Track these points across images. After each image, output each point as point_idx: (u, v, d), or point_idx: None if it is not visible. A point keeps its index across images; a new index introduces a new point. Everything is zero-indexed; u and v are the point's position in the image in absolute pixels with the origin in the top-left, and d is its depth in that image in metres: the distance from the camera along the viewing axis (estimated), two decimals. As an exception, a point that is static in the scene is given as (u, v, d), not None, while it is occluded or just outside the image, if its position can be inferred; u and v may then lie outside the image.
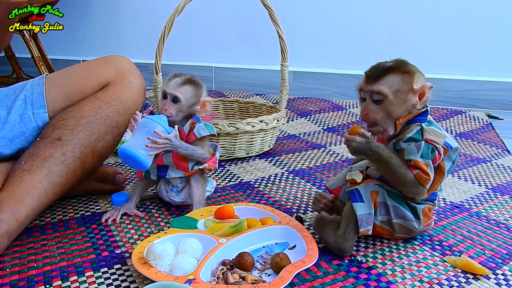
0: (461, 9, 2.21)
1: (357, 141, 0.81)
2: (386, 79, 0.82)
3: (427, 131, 0.83)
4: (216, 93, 2.53)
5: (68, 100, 1.03)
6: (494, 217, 1.05)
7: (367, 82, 0.83)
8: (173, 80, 1.00)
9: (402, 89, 0.82)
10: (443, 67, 2.28)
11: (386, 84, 0.82)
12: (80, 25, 2.86)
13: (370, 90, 0.83)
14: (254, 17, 2.06)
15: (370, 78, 0.83)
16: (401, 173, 0.81)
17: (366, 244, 0.91)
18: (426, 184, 0.82)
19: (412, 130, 0.84)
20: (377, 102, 0.83)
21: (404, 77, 0.82)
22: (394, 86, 0.82)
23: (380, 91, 0.81)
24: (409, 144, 0.83)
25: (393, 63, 0.84)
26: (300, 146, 1.63)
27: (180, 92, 0.98)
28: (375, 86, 0.82)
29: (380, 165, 0.83)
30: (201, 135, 1.00)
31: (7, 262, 0.84)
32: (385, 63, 0.84)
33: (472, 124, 1.94)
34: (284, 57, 1.49)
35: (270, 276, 0.78)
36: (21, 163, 0.93)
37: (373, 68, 0.85)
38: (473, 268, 0.82)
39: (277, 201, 1.13)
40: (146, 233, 0.96)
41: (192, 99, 1.00)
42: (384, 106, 0.82)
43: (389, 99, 0.82)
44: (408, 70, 0.83)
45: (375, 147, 0.81)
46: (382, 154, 0.81)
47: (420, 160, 0.81)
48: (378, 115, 0.83)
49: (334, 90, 2.45)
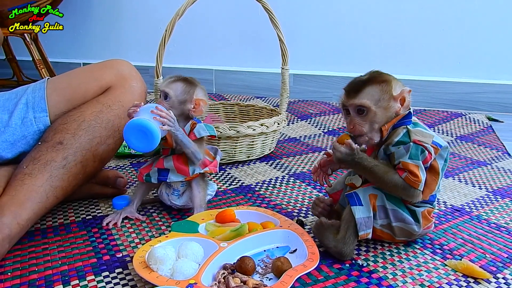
0: (461, 11, 2.22)
1: (341, 151, 0.84)
2: (366, 92, 0.84)
3: (414, 133, 0.84)
4: (216, 96, 2.53)
5: (70, 104, 1.03)
6: (495, 220, 1.06)
7: (348, 97, 0.86)
8: (168, 79, 1.02)
9: (382, 98, 0.84)
10: (443, 69, 2.28)
11: (366, 96, 0.84)
12: (81, 28, 2.87)
13: (352, 104, 0.85)
14: (255, 20, 2.06)
15: (350, 92, 0.86)
16: (389, 179, 0.83)
17: (367, 248, 0.91)
18: (417, 186, 0.82)
19: (399, 133, 0.85)
20: (361, 114, 0.85)
21: (382, 86, 0.85)
22: (375, 96, 0.84)
23: (362, 104, 0.84)
24: (398, 147, 0.84)
25: (369, 75, 0.87)
26: (301, 149, 1.63)
27: (170, 88, 1.00)
28: (357, 100, 0.84)
29: (366, 174, 0.86)
30: (201, 135, 1.01)
31: (9, 266, 0.84)
32: (361, 77, 0.87)
33: (472, 127, 1.94)
34: (284, 60, 1.49)
35: (271, 280, 0.78)
36: (23, 167, 0.93)
37: (351, 83, 0.87)
38: (474, 272, 0.82)
39: (278, 205, 1.13)
40: (147, 237, 0.96)
41: (182, 96, 1.00)
42: (368, 117, 0.85)
43: (372, 110, 0.84)
44: (385, 79, 0.85)
45: (358, 159, 0.83)
46: (366, 164, 0.83)
47: (409, 161, 0.82)
48: (364, 127, 0.85)
49: (334, 93, 2.45)
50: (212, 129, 1.03)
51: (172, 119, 0.94)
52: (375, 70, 0.88)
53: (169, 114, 0.94)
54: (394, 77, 0.87)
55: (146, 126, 0.89)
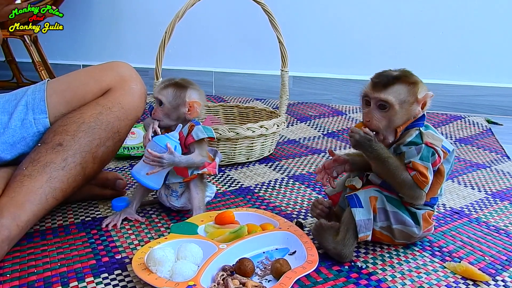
0: (460, 14, 2.22)
1: (361, 134, 0.83)
2: (394, 89, 0.83)
3: (426, 135, 0.84)
4: (216, 97, 2.53)
5: (69, 106, 1.03)
6: (494, 223, 1.06)
7: (374, 89, 0.84)
8: (160, 85, 1.02)
9: (407, 99, 0.84)
10: (443, 72, 2.29)
11: (394, 93, 0.83)
12: (81, 30, 2.87)
13: (377, 97, 0.84)
14: (254, 22, 2.06)
15: (378, 85, 0.84)
16: (399, 174, 0.83)
17: (366, 250, 0.91)
18: (424, 186, 0.82)
19: (411, 134, 0.85)
20: (382, 109, 0.84)
21: (410, 87, 0.84)
22: (401, 96, 0.83)
23: (387, 100, 0.83)
24: (410, 147, 0.84)
25: (400, 72, 0.85)
26: (300, 151, 1.63)
27: (162, 94, 1.00)
28: (383, 94, 0.83)
29: (378, 163, 0.85)
30: (199, 137, 1.01)
31: (8, 268, 0.84)
32: (392, 72, 0.85)
33: (471, 130, 1.94)
34: (284, 63, 1.49)
35: (270, 282, 0.78)
36: (22, 169, 0.93)
37: (380, 75, 0.85)
38: (473, 274, 0.82)
39: (277, 207, 1.13)
40: (146, 238, 0.96)
41: (174, 101, 1.00)
42: (388, 114, 0.84)
43: (395, 109, 0.83)
44: (414, 81, 0.85)
45: (375, 145, 0.82)
46: (381, 152, 0.82)
47: (419, 162, 0.82)
48: (381, 124, 0.84)
49: (334, 95, 2.46)
50: (210, 131, 1.03)
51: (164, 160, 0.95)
52: (405, 69, 0.87)
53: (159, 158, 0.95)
54: (421, 80, 0.86)
55: (140, 181, 0.98)
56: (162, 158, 0.95)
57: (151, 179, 0.97)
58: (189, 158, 0.99)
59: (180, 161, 0.97)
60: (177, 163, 0.97)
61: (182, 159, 0.98)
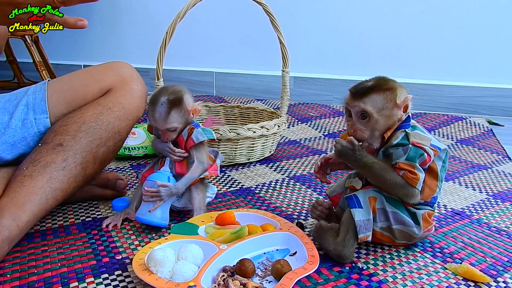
0: (461, 15, 2.22)
1: (342, 144, 0.84)
2: (370, 98, 0.84)
3: (413, 135, 0.84)
4: (217, 98, 2.53)
5: (70, 106, 1.03)
6: (495, 224, 1.05)
7: (353, 99, 0.85)
8: (157, 114, 0.98)
9: (386, 106, 0.84)
10: (444, 73, 2.28)
11: (370, 103, 0.84)
12: (81, 30, 2.85)
13: (356, 106, 0.85)
14: (255, 22, 2.06)
15: (355, 95, 0.85)
16: (388, 177, 0.83)
17: (367, 251, 0.91)
18: (415, 183, 0.82)
19: (397, 136, 0.85)
20: (363, 119, 0.85)
21: (386, 94, 0.84)
22: (378, 104, 0.84)
23: (365, 110, 0.84)
24: (397, 148, 0.84)
25: (374, 81, 0.86)
26: (301, 151, 1.63)
27: (172, 122, 0.99)
28: (361, 104, 0.84)
29: (364, 171, 0.86)
30: (199, 140, 1.00)
31: (8, 268, 0.84)
32: (367, 82, 0.86)
33: (472, 131, 1.94)
34: (285, 63, 1.49)
35: (271, 283, 0.78)
36: (23, 169, 0.93)
37: (357, 86, 0.87)
38: (474, 275, 0.81)
39: (278, 207, 1.13)
40: (147, 239, 0.96)
41: (182, 119, 1.01)
42: (370, 123, 0.85)
43: (374, 117, 0.84)
44: (390, 87, 0.85)
45: (358, 155, 0.83)
46: (365, 160, 0.83)
47: (405, 162, 0.82)
48: (365, 133, 0.86)
49: (334, 96, 2.45)
50: (210, 132, 1.03)
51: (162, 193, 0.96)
52: (381, 76, 0.88)
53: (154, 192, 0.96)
54: (399, 84, 0.87)
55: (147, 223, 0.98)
56: (159, 191, 0.96)
57: (156, 217, 0.97)
58: (187, 179, 1.00)
59: (178, 188, 0.99)
60: (175, 192, 0.99)
61: (180, 186, 0.99)
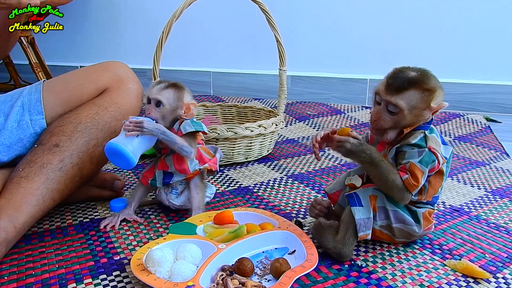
0: (458, 12, 2.22)
1: (351, 142, 0.82)
2: (407, 94, 0.80)
3: (430, 139, 0.83)
4: (214, 97, 2.53)
5: (66, 106, 1.03)
6: (494, 220, 1.05)
7: (387, 91, 0.81)
8: (157, 85, 1.00)
9: (419, 106, 0.81)
10: (441, 70, 2.26)
11: (405, 98, 0.80)
12: (78, 31, 2.87)
13: (388, 101, 0.81)
14: (252, 22, 2.06)
15: (391, 87, 0.81)
16: (390, 178, 0.82)
17: (366, 249, 0.91)
18: (413, 190, 0.82)
19: (416, 136, 0.83)
20: (391, 113, 0.82)
21: (424, 94, 0.81)
22: (412, 102, 0.81)
23: (397, 105, 0.80)
24: (412, 148, 0.83)
25: (417, 75, 0.81)
26: (299, 150, 1.63)
27: (163, 95, 0.98)
28: (394, 98, 0.80)
29: (371, 167, 0.84)
30: (186, 131, 0.99)
31: (5, 270, 0.83)
32: (409, 73, 0.81)
33: (470, 127, 1.94)
34: (282, 62, 1.49)
35: (270, 282, 0.78)
36: (19, 170, 0.93)
37: (395, 76, 0.82)
38: (473, 272, 0.81)
39: (276, 206, 1.12)
40: (145, 239, 0.95)
41: (175, 102, 0.99)
42: (397, 117, 0.82)
43: (404, 113, 0.81)
44: (430, 88, 0.81)
45: (367, 149, 0.82)
46: (374, 156, 0.82)
47: (418, 165, 0.81)
48: (387, 124, 0.83)
49: (332, 94, 2.45)
50: (199, 125, 1.02)
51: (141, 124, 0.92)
52: (425, 70, 0.83)
53: (137, 122, 0.93)
54: (440, 85, 0.83)
55: (116, 149, 0.91)
56: (142, 122, 0.92)
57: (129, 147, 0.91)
58: (173, 136, 0.96)
59: (159, 129, 0.94)
60: (157, 130, 0.94)
61: (162, 128, 0.95)
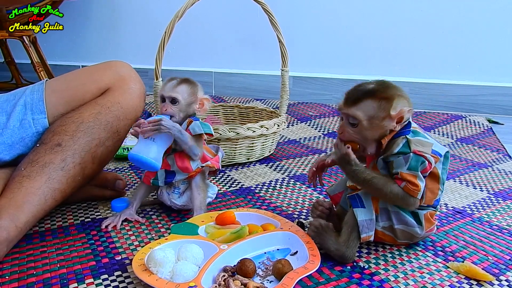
0: (460, 14, 2.22)
1: (337, 154, 0.83)
2: (363, 104, 0.82)
3: (413, 143, 0.82)
4: (216, 98, 2.53)
5: (68, 106, 1.03)
6: (497, 222, 1.05)
7: (345, 104, 0.84)
8: (169, 83, 1.01)
9: (377, 115, 0.81)
10: (443, 72, 2.28)
11: (362, 109, 0.82)
12: (80, 30, 2.87)
13: (346, 113, 0.83)
14: (254, 22, 2.06)
15: (348, 100, 0.84)
16: (387, 190, 0.82)
17: (369, 250, 0.91)
18: (416, 194, 0.81)
19: (398, 144, 0.83)
20: (352, 125, 0.83)
21: (381, 103, 0.81)
22: (369, 112, 0.81)
23: (355, 116, 0.82)
24: (398, 157, 0.82)
25: (374, 86, 0.83)
26: (301, 151, 1.62)
27: (177, 92, 0.99)
28: (351, 110, 0.82)
29: (363, 186, 0.85)
30: (196, 132, 1.00)
31: (6, 270, 0.83)
32: (366, 86, 0.83)
33: (472, 129, 1.94)
34: (284, 62, 1.49)
35: (272, 283, 0.78)
36: (21, 169, 0.93)
37: (353, 90, 0.85)
38: (476, 274, 0.81)
39: (278, 207, 1.12)
40: (147, 239, 0.95)
41: (189, 98, 1.01)
42: (358, 130, 0.83)
43: (363, 125, 0.82)
44: (387, 96, 0.81)
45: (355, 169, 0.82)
46: (364, 176, 0.82)
47: (407, 172, 0.81)
48: (352, 137, 0.84)
49: (334, 95, 2.45)
50: (208, 127, 1.02)
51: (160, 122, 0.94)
52: (383, 81, 0.84)
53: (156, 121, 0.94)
54: (400, 93, 0.83)
55: (146, 161, 0.94)
56: (161, 120, 0.94)
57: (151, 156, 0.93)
58: (186, 135, 0.98)
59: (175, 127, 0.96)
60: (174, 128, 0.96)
61: (178, 126, 0.97)
